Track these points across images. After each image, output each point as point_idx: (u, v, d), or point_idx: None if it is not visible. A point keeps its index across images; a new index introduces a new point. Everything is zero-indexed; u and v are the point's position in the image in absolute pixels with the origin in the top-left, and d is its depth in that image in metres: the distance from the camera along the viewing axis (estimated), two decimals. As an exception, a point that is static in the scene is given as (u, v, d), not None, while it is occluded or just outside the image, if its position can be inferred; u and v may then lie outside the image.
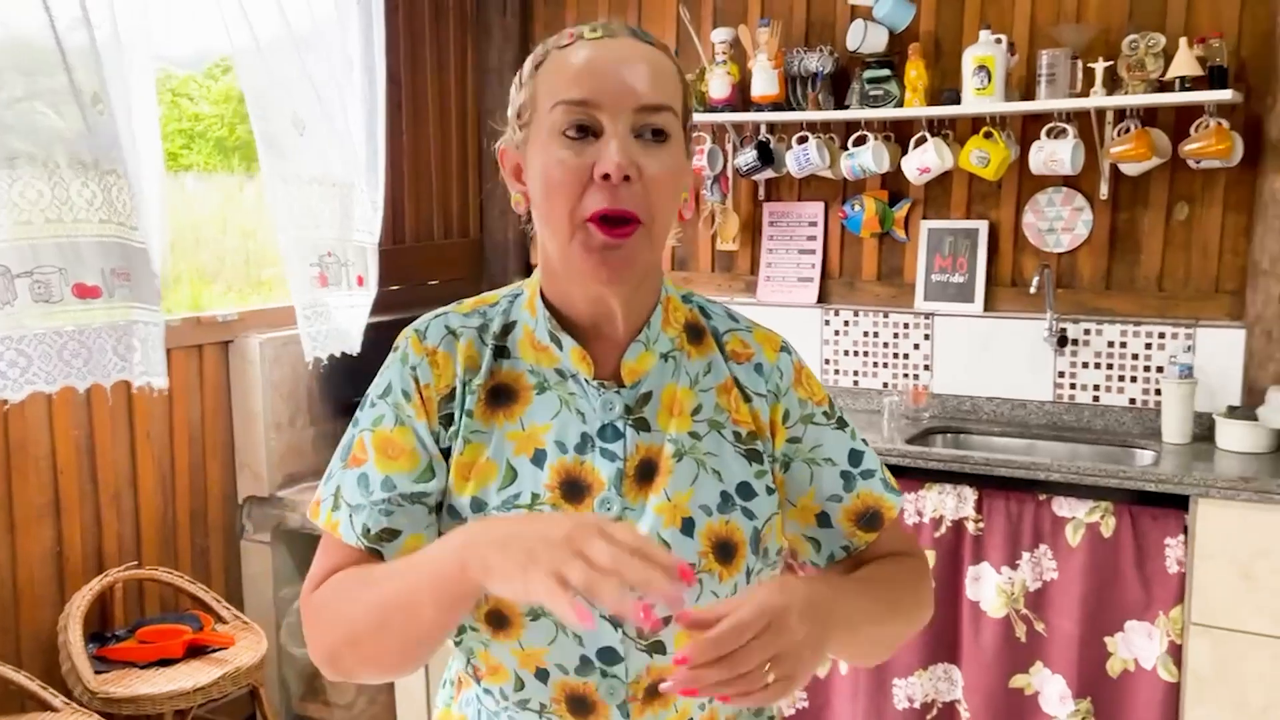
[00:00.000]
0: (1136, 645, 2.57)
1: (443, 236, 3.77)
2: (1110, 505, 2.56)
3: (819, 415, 1.13)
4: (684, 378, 1.09)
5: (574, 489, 1.04)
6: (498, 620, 1.04)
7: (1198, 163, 2.82)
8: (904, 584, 1.13)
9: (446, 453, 1.06)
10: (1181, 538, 2.49)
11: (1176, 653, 2.51)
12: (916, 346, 3.27)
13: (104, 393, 2.62)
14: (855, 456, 1.14)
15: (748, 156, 3.25)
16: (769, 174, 3.30)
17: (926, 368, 3.26)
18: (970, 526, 2.71)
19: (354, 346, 3.02)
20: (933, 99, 3.08)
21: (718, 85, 3.27)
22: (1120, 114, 2.90)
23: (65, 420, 2.62)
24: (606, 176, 0.96)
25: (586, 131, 0.98)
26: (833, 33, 3.28)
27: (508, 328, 1.09)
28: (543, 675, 1.05)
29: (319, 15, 3.00)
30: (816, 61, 3.17)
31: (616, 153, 0.96)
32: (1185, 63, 2.72)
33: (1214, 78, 2.72)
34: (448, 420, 1.06)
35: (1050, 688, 2.68)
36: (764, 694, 0.88)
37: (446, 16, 3.69)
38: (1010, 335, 3.13)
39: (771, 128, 3.31)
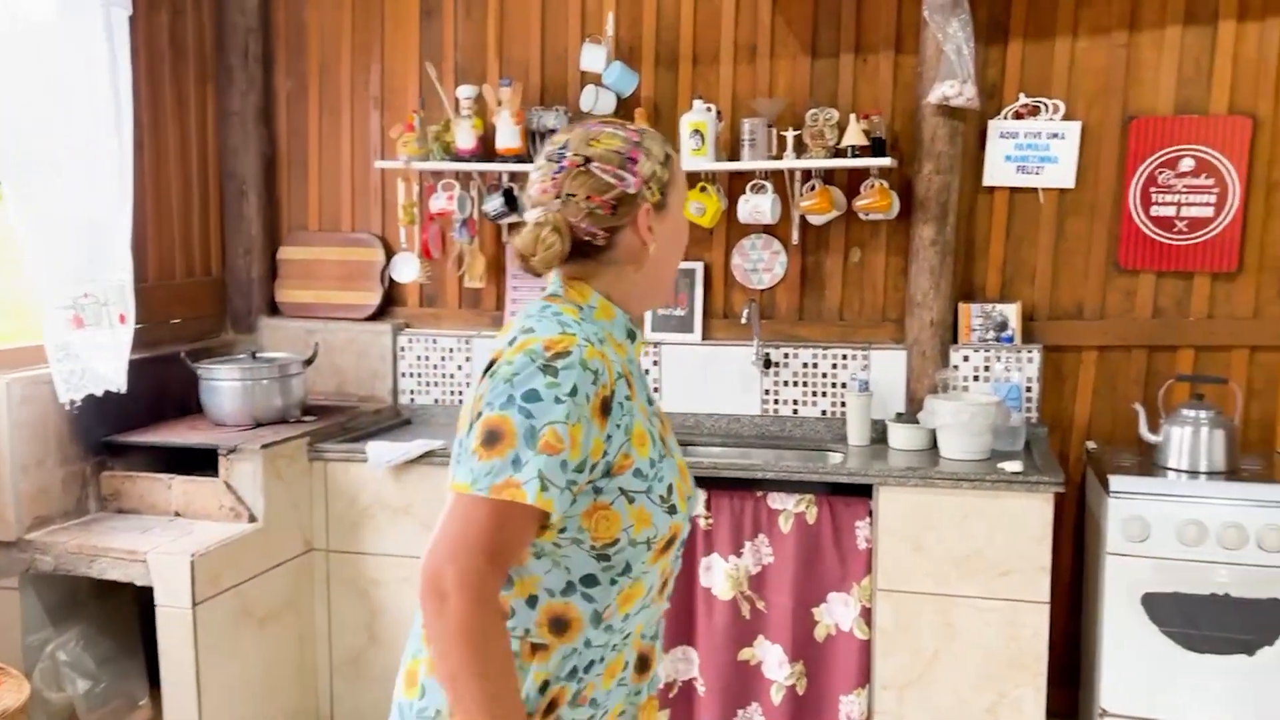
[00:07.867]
0: (836, 612, 3.10)
1: (185, 275, 3.79)
2: (813, 497, 3.09)
3: None
4: None
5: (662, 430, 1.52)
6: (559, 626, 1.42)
7: (866, 215, 3.45)
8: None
9: (608, 436, 1.38)
10: (868, 520, 3.06)
11: (867, 615, 3.07)
12: (646, 371, 3.71)
13: None
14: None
15: (495, 203, 3.57)
16: (514, 218, 3.64)
17: (656, 389, 3.71)
18: (701, 523, 3.16)
19: (118, 384, 3.03)
20: (655, 156, 3.54)
21: (464, 137, 3.58)
22: (807, 174, 3.49)
23: None
24: None
25: None
26: (565, 94, 3.68)
27: (602, 334, 1.46)
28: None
29: (67, 60, 3.02)
30: (554, 120, 3.55)
31: None
32: (854, 134, 3.34)
33: (876, 147, 3.36)
34: (609, 408, 1.38)
35: (770, 656, 3.16)
36: None
37: (186, 60, 3.74)
38: (725, 360, 3.64)
39: (514, 176, 3.66)
